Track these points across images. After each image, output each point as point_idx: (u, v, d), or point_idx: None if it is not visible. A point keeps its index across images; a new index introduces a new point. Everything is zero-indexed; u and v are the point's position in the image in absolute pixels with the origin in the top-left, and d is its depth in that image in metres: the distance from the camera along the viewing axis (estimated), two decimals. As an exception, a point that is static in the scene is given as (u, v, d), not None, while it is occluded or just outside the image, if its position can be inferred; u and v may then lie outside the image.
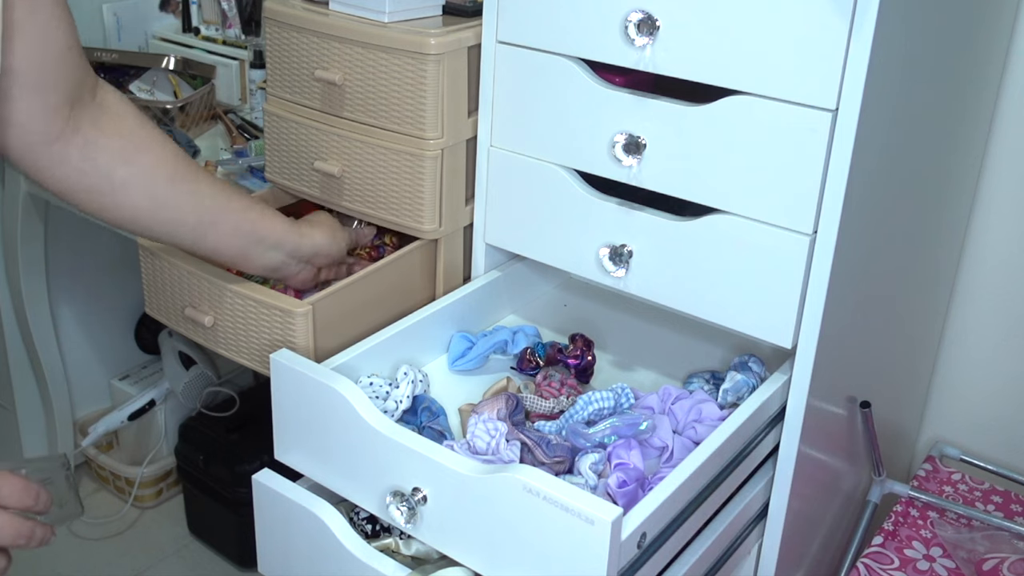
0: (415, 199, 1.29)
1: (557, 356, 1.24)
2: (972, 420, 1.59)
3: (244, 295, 1.23)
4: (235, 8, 2.10)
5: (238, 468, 1.91)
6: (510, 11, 1.21)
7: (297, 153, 1.38)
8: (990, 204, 1.50)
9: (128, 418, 2.08)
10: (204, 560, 2.08)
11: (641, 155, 1.14)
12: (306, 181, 1.39)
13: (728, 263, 1.12)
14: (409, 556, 1.06)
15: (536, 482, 0.89)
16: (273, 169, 1.43)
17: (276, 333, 1.21)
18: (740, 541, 1.17)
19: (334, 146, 1.34)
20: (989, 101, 1.43)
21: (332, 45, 1.29)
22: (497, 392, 1.21)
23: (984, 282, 1.53)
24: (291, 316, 1.19)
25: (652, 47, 1.10)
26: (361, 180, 1.32)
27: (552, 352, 1.24)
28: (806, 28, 1.00)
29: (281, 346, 1.19)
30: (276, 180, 1.43)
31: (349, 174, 1.33)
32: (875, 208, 1.13)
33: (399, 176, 1.29)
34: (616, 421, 1.10)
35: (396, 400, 1.13)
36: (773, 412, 1.15)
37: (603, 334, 1.37)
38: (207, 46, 2.15)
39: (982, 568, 1.27)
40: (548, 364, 1.24)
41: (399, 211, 1.31)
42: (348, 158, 1.32)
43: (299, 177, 1.39)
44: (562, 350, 1.24)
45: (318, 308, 1.19)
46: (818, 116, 1.01)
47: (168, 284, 1.31)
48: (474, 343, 1.29)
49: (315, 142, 1.36)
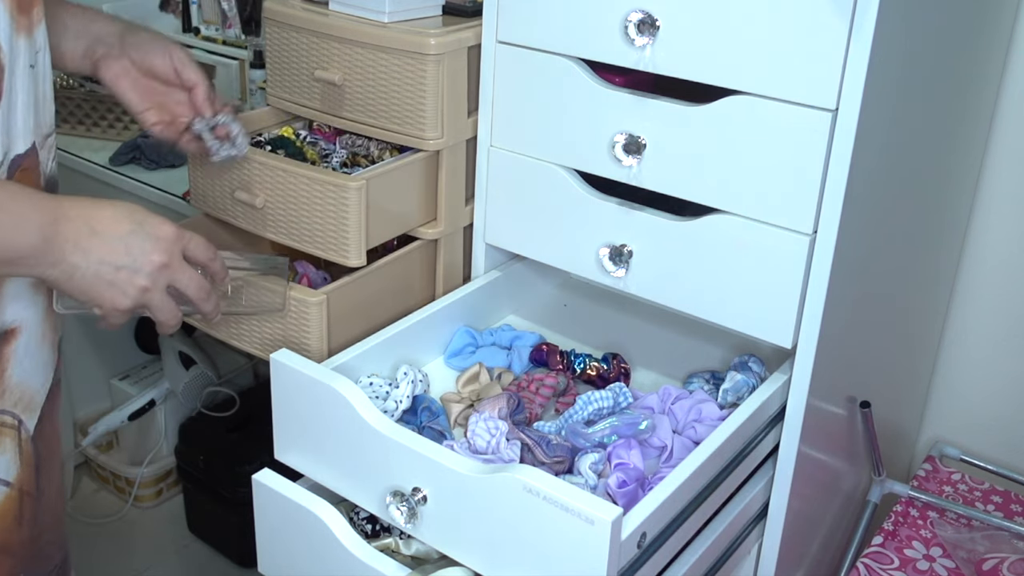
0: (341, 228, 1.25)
1: (595, 377, 1.25)
2: (972, 420, 1.59)
3: (239, 251, 1.22)
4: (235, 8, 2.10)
5: (238, 468, 1.90)
6: (510, 11, 1.21)
7: (297, 153, 1.38)
8: (990, 204, 1.50)
9: (128, 418, 2.08)
10: (204, 560, 2.08)
11: (641, 155, 1.14)
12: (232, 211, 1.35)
13: (728, 263, 1.12)
14: (409, 556, 1.06)
15: (536, 482, 0.89)
16: (198, 198, 1.40)
17: (290, 322, 1.21)
18: (740, 541, 1.17)
19: (334, 146, 1.34)
20: (989, 101, 1.43)
21: (332, 45, 1.29)
22: (471, 378, 1.21)
23: (984, 282, 1.53)
24: (305, 306, 1.18)
25: (652, 47, 1.10)
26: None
27: (591, 372, 1.25)
28: (806, 28, 1.00)
29: (295, 337, 1.19)
30: (200, 207, 1.40)
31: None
32: (875, 208, 1.13)
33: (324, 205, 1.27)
34: (616, 421, 1.10)
35: (396, 400, 1.13)
36: (773, 412, 1.15)
37: (603, 334, 1.37)
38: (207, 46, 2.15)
39: (982, 568, 1.27)
40: (585, 381, 1.25)
41: (324, 243, 1.25)
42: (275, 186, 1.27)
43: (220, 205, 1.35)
44: (601, 373, 1.25)
45: (332, 298, 1.20)
46: (818, 116, 1.01)
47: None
48: (477, 343, 1.29)
49: (315, 142, 1.35)
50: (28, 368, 1.01)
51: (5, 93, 0.92)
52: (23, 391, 1.00)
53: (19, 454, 1.01)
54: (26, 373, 1.01)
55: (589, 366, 1.25)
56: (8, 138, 0.93)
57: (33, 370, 1.02)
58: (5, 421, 0.99)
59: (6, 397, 0.99)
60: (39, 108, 0.98)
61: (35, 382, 1.02)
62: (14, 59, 0.92)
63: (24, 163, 0.96)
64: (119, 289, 0.92)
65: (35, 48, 0.96)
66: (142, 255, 0.93)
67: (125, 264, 0.92)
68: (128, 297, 0.93)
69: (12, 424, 1.00)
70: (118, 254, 0.92)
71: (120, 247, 0.92)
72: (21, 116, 0.95)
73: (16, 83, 0.93)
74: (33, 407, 1.02)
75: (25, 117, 0.95)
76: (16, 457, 1.00)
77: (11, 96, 0.93)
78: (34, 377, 1.02)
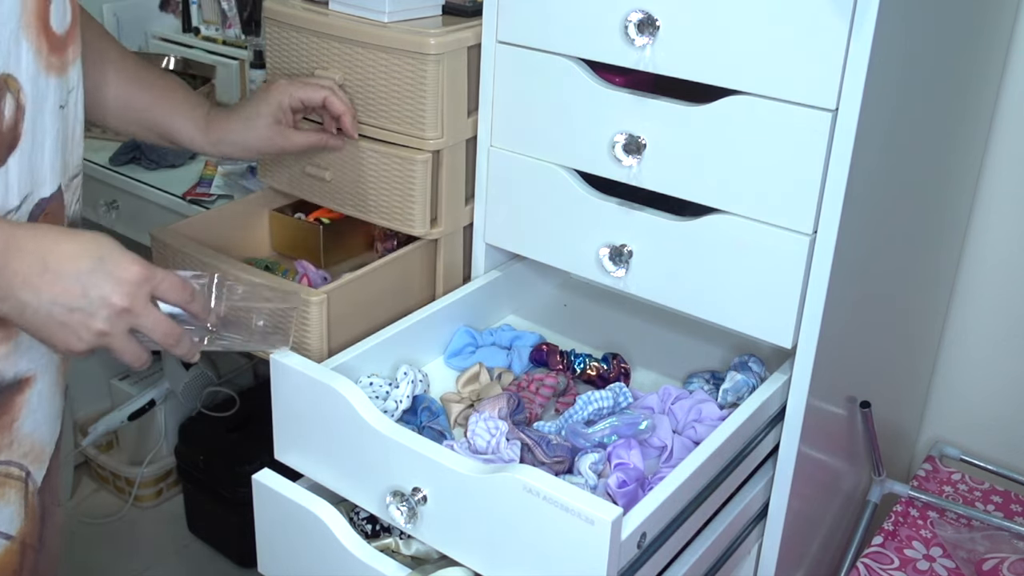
0: (407, 199, 1.29)
1: (595, 377, 1.25)
2: (972, 420, 1.59)
3: (255, 283, 1.22)
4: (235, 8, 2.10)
5: (238, 468, 1.91)
6: (510, 11, 1.21)
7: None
8: (990, 204, 1.49)
9: (128, 418, 2.08)
10: (204, 560, 2.08)
11: (641, 155, 1.14)
12: (301, 184, 1.38)
13: (728, 263, 1.12)
14: (409, 556, 1.06)
15: (536, 482, 0.89)
16: (266, 171, 1.42)
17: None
18: (740, 541, 1.17)
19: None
20: (989, 101, 1.43)
21: (332, 45, 1.29)
22: (471, 378, 1.21)
23: (984, 282, 1.53)
24: (306, 305, 1.19)
25: (652, 47, 1.10)
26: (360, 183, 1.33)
27: (591, 372, 1.25)
28: (806, 28, 1.00)
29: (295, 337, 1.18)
30: (270, 182, 1.43)
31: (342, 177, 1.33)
32: (875, 208, 1.13)
33: (390, 175, 1.29)
34: (616, 421, 1.10)
35: (396, 400, 1.13)
36: (773, 412, 1.15)
37: (603, 334, 1.37)
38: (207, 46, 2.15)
39: (982, 568, 1.27)
40: (585, 381, 1.25)
41: (389, 213, 1.30)
42: (343, 161, 1.32)
43: (294, 180, 1.39)
44: (601, 373, 1.25)
45: (332, 298, 1.20)
46: (818, 116, 1.01)
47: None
48: (477, 343, 1.29)
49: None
50: (40, 419, 0.97)
51: (28, 134, 0.88)
52: (33, 442, 0.97)
53: (24, 507, 0.97)
54: (38, 423, 0.96)
55: (589, 366, 1.25)
56: (32, 180, 0.90)
57: (45, 420, 0.98)
58: (12, 473, 0.95)
59: (15, 448, 0.95)
60: (67, 149, 0.95)
61: (46, 433, 0.98)
62: (41, 99, 0.89)
63: (49, 207, 0.92)
64: (72, 331, 0.85)
65: (68, 87, 0.93)
66: (99, 298, 0.84)
67: (80, 306, 0.84)
68: (83, 341, 0.85)
69: (19, 476, 0.96)
70: (72, 295, 0.84)
71: (75, 287, 0.84)
72: (48, 158, 0.91)
73: (45, 123, 0.90)
74: (43, 459, 0.98)
75: (52, 159, 0.92)
76: (21, 510, 0.96)
77: (36, 137, 0.89)
78: (45, 427, 0.98)
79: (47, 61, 0.89)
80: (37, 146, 0.90)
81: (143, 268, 0.86)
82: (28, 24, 0.86)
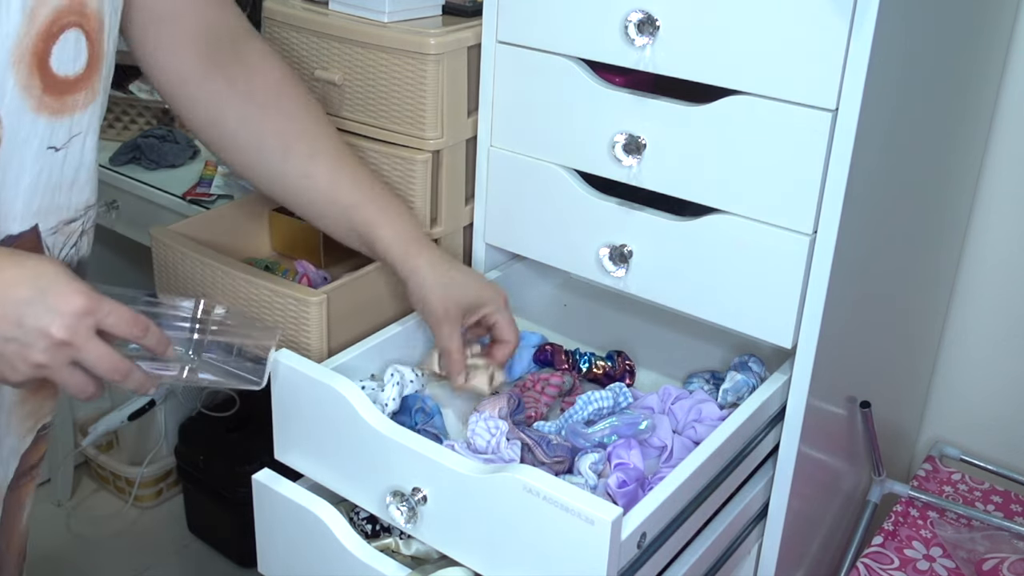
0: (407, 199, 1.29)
1: (601, 375, 1.25)
2: (972, 420, 1.59)
3: (258, 284, 1.22)
4: (235, 8, 2.10)
5: (238, 468, 1.90)
6: (510, 11, 1.21)
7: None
8: (990, 204, 1.49)
9: (128, 418, 2.08)
10: (204, 560, 2.08)
11: (641, 155, 1.14)
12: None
13: (728, 263, 1.12)
14: (409, 556, 1.06)
15: (536, 482, 0.89)
16: None
17: (290, 322, 1.21)
18: (740, 541, 1.17)
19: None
20: (989, 101, 1.43)
21: (332, 45, 1.29)
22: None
23: (984, 282, 1.53)
24: (306, 305, 1.18)
25: (652, 47, 1.10)
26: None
27: (597, 370, 1.25)
28: (806, 28, 1.00)
29: (295, 337, 1.19)
30: None
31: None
32: (875, 208, 1.13)
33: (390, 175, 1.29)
34: (616, 421, 1.10)
35: (382, 404, 1.12)
36: (773, 412, 1.15)
37: (603, 334, 1.37)
38: (207, 46, 2.14)
39: (982, 568, 1.27)
40: (591, 379, 1.25)
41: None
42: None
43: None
44: (607, 371, 1.25)
45: (332, 297, 1.19)
46: (818, 116, 1.01)
47: (180, 273, 1.30)
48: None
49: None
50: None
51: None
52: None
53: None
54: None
55: (595, 365, 1.25)
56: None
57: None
58: None
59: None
60: (58, 192, 0.92)
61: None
62: (20, 137, 0.87)
63: (16, 244, 0.89)
64: (7, 362, 0.81)
65: (70, 132, 0.91)
66: (35, 329, 0.80)
67: (14, 336, 0.80)
68: (18, 372, 0.82)
69: None
70: (7, 324, 0.80)
71: (11, 316, 0.80)
72: (24, 197, 0.89)
73: (24, 161, 0.88)
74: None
75: (29, 199, 0.90)
76: None
77: (8, 173, 0.87)
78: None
79: (39, 101, 0.87)
80: (9, 183, 0.88)
81: (87, 300, 0.81)
82: (20, 60, 0.85)
